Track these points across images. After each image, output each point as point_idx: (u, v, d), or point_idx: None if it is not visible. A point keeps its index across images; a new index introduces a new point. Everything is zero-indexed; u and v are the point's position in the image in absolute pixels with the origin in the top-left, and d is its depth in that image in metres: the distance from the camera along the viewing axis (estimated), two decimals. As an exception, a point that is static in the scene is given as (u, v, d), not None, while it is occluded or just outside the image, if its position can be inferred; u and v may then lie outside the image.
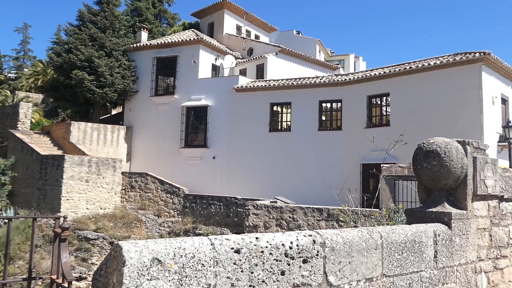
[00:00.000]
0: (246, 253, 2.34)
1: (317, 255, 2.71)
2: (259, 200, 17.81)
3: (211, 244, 2.23)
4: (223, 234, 15.12)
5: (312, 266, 2.66)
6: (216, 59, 26.26)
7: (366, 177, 18.90)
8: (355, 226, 5.38)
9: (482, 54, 16.52)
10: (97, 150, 23.63)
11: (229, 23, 31.18)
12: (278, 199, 16.64)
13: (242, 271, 2.30)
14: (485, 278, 4.45)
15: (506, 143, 15.96)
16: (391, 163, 14.71)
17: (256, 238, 2.44)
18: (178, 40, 25.38)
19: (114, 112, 32.86)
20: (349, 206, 6.90)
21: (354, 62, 51.16)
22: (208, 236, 2.35)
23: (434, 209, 4.20)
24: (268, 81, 23.35)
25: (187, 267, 2.07)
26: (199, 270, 2.11)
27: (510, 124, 15.45)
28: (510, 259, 4.87)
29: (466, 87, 17.01)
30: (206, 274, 2.14)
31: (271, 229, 14.21)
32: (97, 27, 26.22)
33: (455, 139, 4.40)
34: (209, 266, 2.16)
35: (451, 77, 17.49)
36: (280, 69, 26.71)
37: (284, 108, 22.85)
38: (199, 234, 18.56)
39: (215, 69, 26.38)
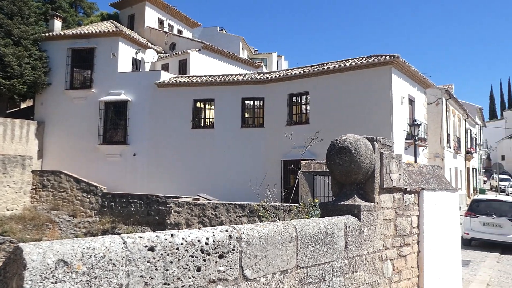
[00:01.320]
0: (161, 250, 2.31)
1: (233, 250, 2.74)
2: (181, 197, 17.58)
3: (124, 243, 2.17)
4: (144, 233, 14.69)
5: (228, 261, 2.69)
6: (137, 52, 25.41)
7: (287, 173, 19.45)
8: (274, 221, 5.52)
9: (392, 57, 17.73)
10: (3, 147, 21.76)
11: (151, 16, 30.29)
12: (200, 196, 16.54)
13: (156, 269, 2.27)
14: (390, 265, 4.80)
15: (412, 140, 17.29)
16: (310, 159, 15.26)
17: (172, 235, 2.41)
18: (96, 31, 24.16)
19: (23, 106, 30.44)
20: (268, 201, 7.06)
21: (277, 61, 52.28)
22: (120, 235, 2.29)
23: (345, 202, 4.44)
24: (191, 77, 23.09)
25: (97, 268, 1.99)
26: (110, 270, 2.04)
27: (415, 123, 16.77)
28: (413, 246, 5.29)
29: (378, 87, 18.16)
30: (118, 274, 2.07)
31: (193, 227, 14.13)
32: (3, 12, 24.07)
33: (365, 136, 4.69)
34: (121, 266, 2.10)
35: (365, 78, 18.57)
36: (203, 65, 26.52)
37: (207, 105, 22.75)
38: (118, 234, 17.85)
39: (136, 63, 25.52)
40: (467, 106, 36.15)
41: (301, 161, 14.25)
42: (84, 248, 1.99)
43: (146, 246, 2.26)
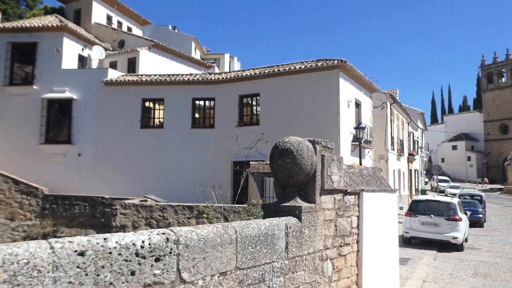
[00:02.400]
0: (92, 255, 2.25)
1: (170, 252, 2.71)
2: (128, 199, 17.14)
3: (51, 248, 2.09)
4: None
5: (165, 264, 2.65)
6: (83, 49, 24.51)
7: (237, 174, 19.49)
8: (218, 222, 5.52)
9: (339, 61, 18.25)
10: None
11: (99, 12, 29.32)
12: (148, 198, 16.21)
13: (86, 275, 2.20)
14: (330, 264, 4.93)
15: (357, 143, 17.88)
16: (259, 161, 15.38)
17: (104, 239, 2.35)
18: (39, 25, 23.04)
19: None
20: (213, 202, 7.05)
21: (229, 61, 52.24)
22: (48, 240, 2.20)
23: (287, 203, 4.52)
24: (140, 76, 22.58)
25: (20, 275, 1.91)
26: (34, 277, 1.96)
27: (360, 126, 17.34)
28: (352, 246, 5.47)
29: (326, 90, 18.62)
30: (44, 281, 2.00)
31: (140, 229, 13.80)
32: None
33: (307, 138, 4.79)
34: (47, 272, 2.02)
35: (314, 81, 18.98)
36: (153, 64, 26.03)
37: (157, 104, 22.34)
38: (60, 238, 17.12)
39: (82, 60, 24.60)
40: (410, 110, 37.85)
41: (250, 162, 14.34)
42: (5, 255, 1.90)
43: (75, 251, 2.19)
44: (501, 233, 19.68)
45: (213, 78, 21.23)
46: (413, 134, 37.74)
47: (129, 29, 32.33)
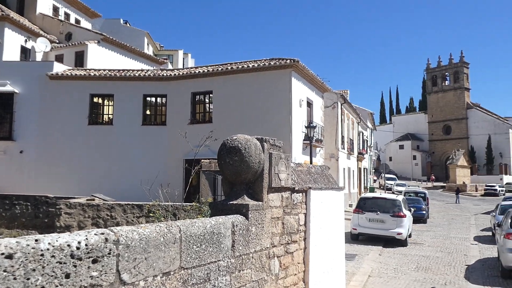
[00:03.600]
0: (21, 257, 2.12)
1: (109, 253, 2.60)
2: (74, 198, 16.47)
3: (-26, 251, 1.95)
4: (30, 237, 13.47)
5: (103, 266, 2.55)
6: (26, 40, 23.31)
7: (190, 172, 19.24)
8: (165, 221, 5.41)
9: (292, 61, 18.47)
10: None
11: (44, 2, 27.95)
12: (96, 197, 15.66)
13: (15, 279, 2.07)
14: (277, 262, 4.96)
15: (309, 142, 18.18)
16: (212, 159, 15.26)
17: (36, 240, 2.22)
18: (-23, 14, 21.68)
19: None
20: (160, 201, 6.91)
21: (183, 58, 51.54)
22: (-29, 242, 2.05)
23: (234, 202, 4.49)
24: (88, 70, 21.76)
25: None
26: (-47, 282, 1.82)
27: (311, 125, 17.65)
28: (300, 243, 5.53)
29: (279, 89, 18.79)
30: (-36, 287, 1.86)
31: (87, 229, 13.25)
32: None
33: (255, 136, 4.79)
34: (-31, 277, 1.88)
35: (266, 80, 19.10)
36: (102, 58, 25.18)
37: (106, 100, 21.63)
38: None
39: (25, 52, 23.40)
40: (360, 110, 39.02)
41: (202, 161, 14.19)
42: None
43: (2, 254, 2.05)
44: (443, 228, 20.71)
45: (165, 74, 20.84)
46: (362, 133, 38.92)
47: (77, 21, 31.08)
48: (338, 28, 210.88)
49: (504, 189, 51.46)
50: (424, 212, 23.02)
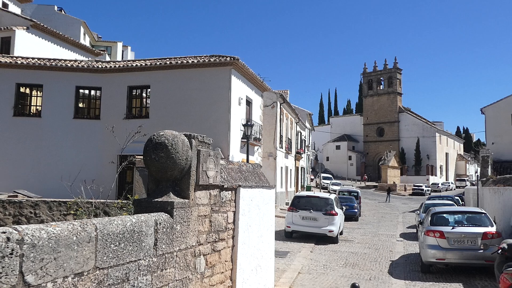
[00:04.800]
0: None
1: (11, 254, 2.42)
2: (-6, 194, 15.33)
3: None
4: None
5: (3, 267, 2.36)
6: None
7: (124, 168, 18.62)
8: (89, 219, 5.16)
9: (232, 58, 18.44)
10: None
11: (-34, -18, 25.86)
12: (19, 193, 14.65)
13: None
14: (203, 260, 4.89)
15: (247, 140, 18.25)
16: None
17: None
18: None
19: None
20: (83, 198, 6.60)
21: (122, 51, 49.95)
22: None
23: (159, 199, 4.37)
24: (15, 58, 20.36)
25: None
26: None
27: (248, 123, 17.74)
28: (228, 241, 5.50)
29: (218, 87, 18.69)
30: None
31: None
32: None
33: (183, 132, 4.69)
34: None
35: (206, 76, 18.93)
36: (32, 46, 23.70)
37: (34, 91, 20.36)
38: None
39: None
40: (299, 111, 39.82)
41: (136, 157, 13.79)
42: None
43: None
44: (373, 226, 21.65)
45: (100, 66, 19.99)
46: (301, 133, 39.77)
47: (5, 5, 29.00)
48: (280, 30, 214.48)
49: (430, 189, 54.86)
50: (356, 210, 23.94)
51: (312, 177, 54.23)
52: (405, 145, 72.96)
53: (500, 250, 7.30)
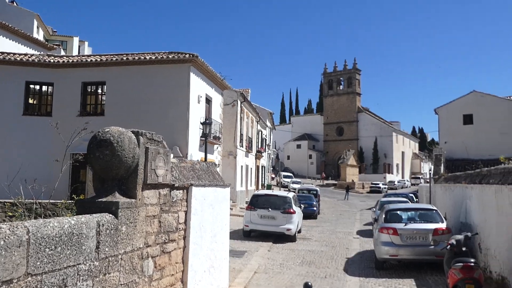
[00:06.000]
0: None
1: None
2: None
3: None
4: None
5: None
6: None
7: (77, 167, 17.96)
8: (25, 220, 4.85)
9: (191, 55, 18.15)
10: None
11: None
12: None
13: None
14: (152, 262, 4.70)
15: (207, 138, 18.01)
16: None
17: None
18: None
19: None
20: (22, 198, 6.23)
21: (79, 46, 48.44)
22: None
23: (104, 199, 4.15)
24: (-41, 51, 19.20)
25: None
26: None
27: (207, 121, 17.53)
28: (178, 242, 5.33)
29: (177, 84, 18.35)
30: None
31: None
32: None
33: (131, 129, 4.49)
34: None
35: (164, 73, 18.54)
36: (-22, 38, 22.42)
37: (-21, 86, 19.24)
38: None
39: None
40: (260, 110, 39.89)
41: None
42: None
43: None
44: (331, 223, 21.96)
45: (52, 61, 19.14)
46: (261, 132, 39.85)
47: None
48: (243, 29, 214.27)
49: (386, 186, 56.45)
50: (315, 208, 24.20)
51: (273, 175, 54.53)
52: (363, 144, 74.73)
53: (449, 246, 7.50)
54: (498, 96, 36.54)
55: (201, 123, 17.99)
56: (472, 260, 6.69)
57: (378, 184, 55.78)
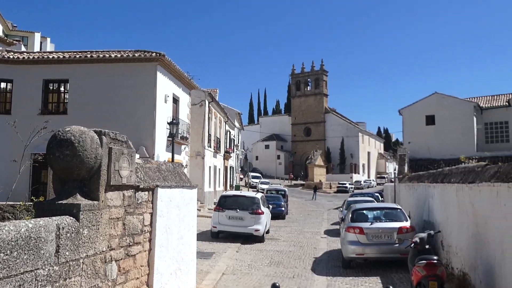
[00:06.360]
0: None
1: None
2: None
3: None
4: None
5: None
6: None
7: (38, 168, 17.33)
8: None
9: (158, 54, 17.85)
10: None
11: None
12: None
13: None
14: (115, 266, 4.56)
15: (174, 138, 17.77)
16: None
17: None
18: None
19: None
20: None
21: (41, 42, 46.82)
22: None
23: (64, 201, 3.99)
24: None
25: None
26: None
27: (174, 121, 17.30)
28: (144, 245, 5.19)
29: (143, 83, 18.02)
30: None
31: None
32: None
33: (93, 129, 4.33)
34: None
35: (130, 72, 18.16)
36: None
37: None
38: None
39: None
40: (228, 110, 39.77)
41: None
42: None
43: None
44: (299, 223, 22.12)
45: (11, 57, 18.40)
46: (230, 132, 39.73)
47: None
48: (212, 29, 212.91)
49: (353, 186, 57.47)
50: (283, 208, 24.32)
51: (242, 176, 54.49)
52: (330, 144, 75.80)
53: (413, 244, 7.66)
54: (459, 98, 37.88)
55: (168, 123, 17.73)
56: (435, 257, 6.85)
57: (345, 184, 56.69)
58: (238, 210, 14.56)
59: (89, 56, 18.22)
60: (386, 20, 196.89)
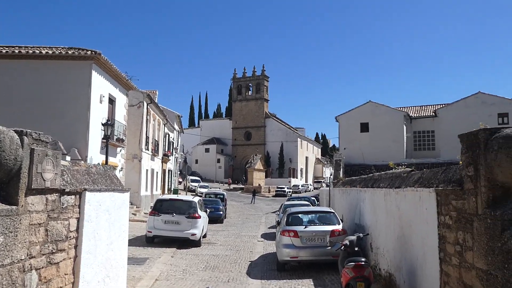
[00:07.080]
0: None
1: None
2: None
3: None
4: None
5: None
6: None
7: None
8: None
9: (93, 52, 17.16)
10: None
11: None
12: None
13: None
14: (36, 275, 4.29)
15: (109, 140, 17.15)
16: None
17: None
18: None
19: None
20: None
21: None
22: None
23: (-22, 206, 3.70)
24: None
25: None
26: None
27: (109, 122, 16.72)
28: (69, 252, 4.94)
29: (77, 82, 17.24)
30: None
31: None
32: None
33: (14, 128, 4.07)
34: None
35: (63, 71, 17.32)
36: None
37: None
38: None
39: None
40: (167, 112, 39.04)
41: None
42: None
43: None
44: (236, 227, 22.15)
45: None
46: (169, 135, 39.03)
47: None
48: (152, 30, 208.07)
49: (291, 190, 58.59)
50: (221, 212, 24.25)
51: (180, 179, 53.69)
52: (270, 149, 76.86)
53: (343, 247, 7.94)
54: (391, 107, 39.99)
55: (102, 124, 17.08)
56: (363, 259, 7.14)
57: (283, 188, 57.65)
58: (174, 214, 14.31)
59: (17, 51, 17.13)
60: (325, 27, 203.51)
